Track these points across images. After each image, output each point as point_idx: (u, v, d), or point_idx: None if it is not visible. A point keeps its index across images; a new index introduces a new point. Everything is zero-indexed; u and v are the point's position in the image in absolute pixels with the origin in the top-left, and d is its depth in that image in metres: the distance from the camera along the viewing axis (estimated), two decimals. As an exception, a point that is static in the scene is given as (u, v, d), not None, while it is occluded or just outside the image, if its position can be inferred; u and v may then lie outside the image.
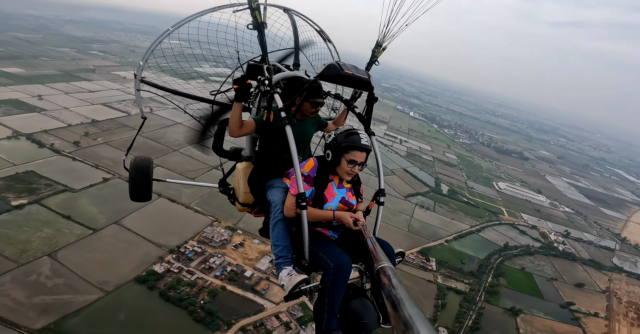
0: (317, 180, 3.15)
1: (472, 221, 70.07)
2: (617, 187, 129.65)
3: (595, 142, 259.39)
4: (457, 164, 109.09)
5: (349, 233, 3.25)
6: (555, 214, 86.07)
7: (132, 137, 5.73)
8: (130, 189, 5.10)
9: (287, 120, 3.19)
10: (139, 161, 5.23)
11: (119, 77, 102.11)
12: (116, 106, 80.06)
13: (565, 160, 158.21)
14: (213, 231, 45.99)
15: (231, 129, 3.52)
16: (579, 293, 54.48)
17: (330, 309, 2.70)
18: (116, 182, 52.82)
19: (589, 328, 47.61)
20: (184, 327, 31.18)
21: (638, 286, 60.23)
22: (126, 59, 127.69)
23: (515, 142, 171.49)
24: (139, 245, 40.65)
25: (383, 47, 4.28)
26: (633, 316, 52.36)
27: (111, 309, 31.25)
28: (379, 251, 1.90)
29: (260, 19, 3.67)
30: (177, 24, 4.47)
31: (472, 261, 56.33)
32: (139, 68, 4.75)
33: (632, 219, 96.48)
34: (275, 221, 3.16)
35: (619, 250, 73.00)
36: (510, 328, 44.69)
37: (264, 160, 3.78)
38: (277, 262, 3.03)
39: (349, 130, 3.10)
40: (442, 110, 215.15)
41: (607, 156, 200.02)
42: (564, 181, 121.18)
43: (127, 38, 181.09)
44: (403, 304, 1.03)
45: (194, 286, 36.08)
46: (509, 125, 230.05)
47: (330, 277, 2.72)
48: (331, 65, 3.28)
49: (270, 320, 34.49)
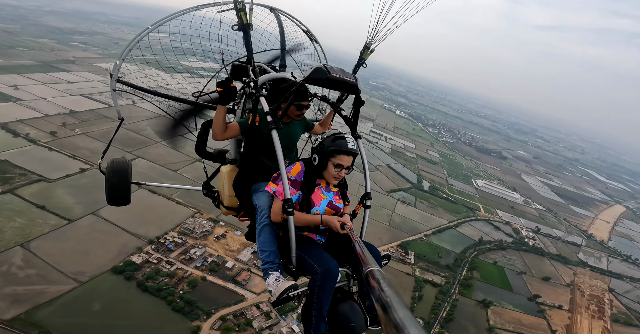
0: (304, 184, 3.14)
1: (451, 217, 72.51)
2: (587, 187, 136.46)
3: (570, 143, 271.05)
4: (439, 162, 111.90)
5: (336, 236, 3.23)
6: (528, 211, 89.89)
7: (111, 129, 6.06)
8: (108, 192, 4.91)
9: (273, 124, 3.16)
10: (116, 163, 5.01)
11: (101, 69, 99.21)
12: (97, 97, 78.05)
13: (541, 160, 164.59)
14: (194, 222, 45.82)
15: (214, 132, 3.46)
16: (546, 286, 57.24)
17: (319, 314, 2.70)
18: (94, 173, 51.72)
19: (553, 320, 49.93)
20: (162, 317, 31.22)
21: (600, 280, 63.64)
22: (109, 51, 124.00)
23: (495, 142, 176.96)
24: (116, 236, 40.10)
25: (371, 49, 4.25)
26: (594, 308, 55.20)
27: (85, 300, 30.93)
28: (367, 254, 1.91)
29: (246, 20, 3.64)
30: (157, 23, 4.34)
31: (449, 254, 58.39)
32: (115, 67, 4.61)
33: (600, 217, 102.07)
34: (262, 226, 3.13)
35: (585, 246, 77.17)
36: (481, 319, 46.61)
37: (249, 164, 3.73)
38: (264, 267, 2.99)
39: (336, 134, 3.09)
40: (427, 109, 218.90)
41: (580, 157, 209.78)
42: (538, 180, 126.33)
43: (111, 30, 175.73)
44: (393, 307, 1.03)
45: (173, 277, 36.02)
46: (491, 125, 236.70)
47: (317, 282, 2.72)
48: (318, 69, 3.25)
49: (251, 310, 34.89)
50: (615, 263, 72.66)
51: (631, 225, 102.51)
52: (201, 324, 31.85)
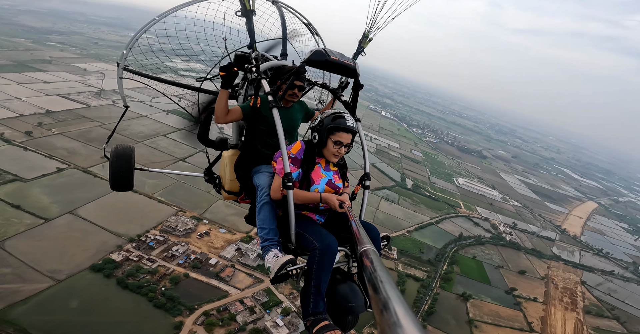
0: (304, 162, 3.16)
1: (433, 213, 74.30)
2: (562, 185, 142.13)
3: (547, 143, 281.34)
4: (422, 161, 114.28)
5: (335, 217, 3.26)
6: (505, 207, 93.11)
7: (90, 129, 6.10)
8: (111, 177, 4.94)
9: (274, 103, 3.26)
10: (120, 149, 5.04)
11: (79, 69, 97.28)
12: (74, 97, 76.33)
13: (519, 159, 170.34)
14: (177, 220, 45.42)
15: (217, 115, 3.55)
16: (522, 280, 59.20)
17: (317, 291, 2.66)
18: (71, 173, 50.70)
19: (529, 312, 51.50)
20: (143, 313, 30.98)
21: (573, 273, 66.33)
22: (88, 51, 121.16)
23: (477, 142, 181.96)
24: (95, 234, 39.41)
25: (369, 38, 4.35)
26: (567, 301, 57.19)
27: (62, 297, 30.42)
28: (363, 233, 1.92)
29: (249, 6, 3.76)
30: (163, 14, 4.41)
31: (430, 250, 59.79)
32: (122, 56, 4.63)
33: (573, 213, 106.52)
34: (262, 204, 3.15)
35: (559, 240, 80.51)
36: (461, 312, 47.84)
37: (250, 146, 3.79)
38: (263, 245, 2.98)
39: (335, 113, 3.14)
40: (412, 110, 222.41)
41: (556, 156, 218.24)
42: (516, 178, 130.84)
43: (90, 30, 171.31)
44: (383, 286, 1.04)
45: (154, 274, 35.71)
46: (472, 126, 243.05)
47: (316, 258, 2.70)
48: (318, 52, 3.31)
49: (235, 305, 34.93)
50: (587, 256, 75.81)
51: (603, 220, 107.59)
52: (184, 319, 31.73)
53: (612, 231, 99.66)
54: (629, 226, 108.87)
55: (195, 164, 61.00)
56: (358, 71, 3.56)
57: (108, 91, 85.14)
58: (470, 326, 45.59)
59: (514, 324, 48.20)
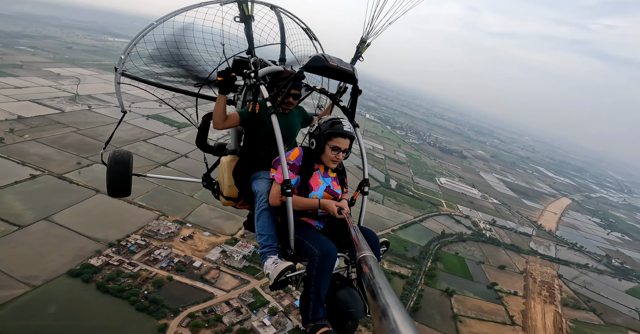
0: (303, 169, 3.14)
1: (416, 212, 75.80)
2: (537, 182, 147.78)
3: (523, 143, 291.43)
4: (405, 162, 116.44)
5: (335, 223, 3.24)
6: (485, 205, 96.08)
7: (65, 134, 5.93)
8: (109, 184, 4.90)
9: (272, 109, 3.24)
10: (118, 154, 5.00)
11: (52, 74, 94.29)
12: (47, 102, 73.87)
13: (497, 159, 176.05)
14: (159, 224, 44.55)
15: (215, 121, 3.53)
16: (502, 274, 61.06)
17: (317, 298, 2.65)
18: (46, 179, 49.16)
19: (510, 306, 52.93)
20: (125, 316, 30.33)
21: (550, 267, 68.69)
22: (61, 56, 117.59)
23: (457, 142, 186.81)
24: (71, 240, 38.31)
25: (367, 43, 4.38)
26: (545, 294, 58.97)
27: (40, 303, 29.51)
28: (362, 240, 1.92)
29: (248, 12, 3.79)
30: (161, 19, 4.38)
31: (415, 248, 60.94)
32: (119, 62, 4.60)
33: (548, 209, 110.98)
34: (261, 211, 3.14)
35: (536, 236, 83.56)
36: (445, 307, 48.82)
37: (249, 152, 3.76)
38: (262, 251, 2.98)
39: (332, 119, 3.13)
40: (396, 113, 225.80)
41: (531, 155, 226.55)
42: (495, 177, 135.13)
43: (63, 34, 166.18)
44: (382, 292, 1.04)
45: (136, 278, 34.92)
46: (453, 127, 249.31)
47: (315, 264, 2.69)
48: (317, 57, 3.31)
49: (220, 306, 34.56)
50: (562, 250, 78.90)
51: (576, 215, 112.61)
52: (168, 322, 31.22)
53: (585, 225, 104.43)
54: (601, 221, 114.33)
55: (177, 168, 60.06)
56: (357, 76, 3.58)
57: (83, 96, 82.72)
58: (455, 321, 46.50)
59: (496, 318, 49.43)
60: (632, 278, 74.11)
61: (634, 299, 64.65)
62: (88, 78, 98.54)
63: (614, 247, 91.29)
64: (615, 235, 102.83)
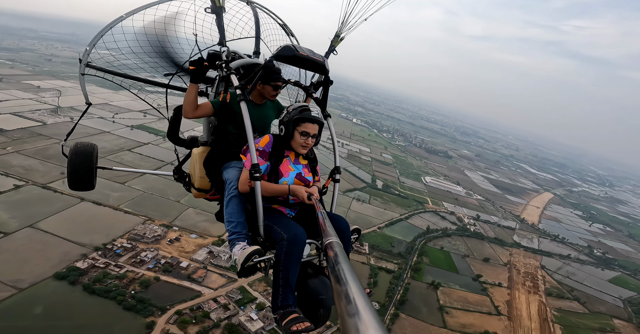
0: (272, 155, 3.13)
1: (402, 210, 77.39)
2: (521, 178, 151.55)
3: (506, 142, 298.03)
4: (392, 163, 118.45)
5: (306, 211, 3.23)
6: (469, 201, 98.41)
7: (48, 146, 6.05)
8: (69, 176, 4.83)
9: (242, 96, 3.25)
10: (80, 146, 4.96)
11: (32, 87, 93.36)
12: (29, 115, 73.22)
13: (482, 157, 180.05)
14: (145, 228, 44.92)
15: (185, 110, 3.50)
16: (486, 267, 62.55)
17: (285, 283, 2.61)
18: (30, 189, 49.17)
19: (495, 297, 54.22)
20: (112, 315, 30.72)
21: (533, 259, 70.48)
22: (41, 68, 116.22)
23: (443, 143, 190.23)
24: (57, 245, 38.57)
25: (341, 37, 4.42)
26: (529, 284, 60.44)
27: (26, 305, 29.79)
28: (329, 225, 1.92)
29: (219, 3, 3.75)
30: (131, 11, 4.36)
31: (401, 244, 62.20)
32: (84, 53, 4.55)
33: (531, 203, 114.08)
34: (230, 197, 3.10)
35: (519, 229, 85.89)
36: (432, 300, 50.01)
37: (221, 142, 3.76)
38: (231, 238, 2.92)
39: (301, 106, 3.14)
40: (382, 117, 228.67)
41: (515, 154, 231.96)
42: (479, 175, 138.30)
43: (42, 46, 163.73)
44: (346, 278, 1.05)
45: (122, 279, 35.28)
46: (439, 129, 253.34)
47: (284, 249, 2.65)
48: (286, 47, 3.35)
49: (208, 303, 35.07)
50: (545, 242, 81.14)
51: (558, 209, 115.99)
52: (156, 319, 31.63)
53: (567, 218, 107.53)
54: (583, 213, 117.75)
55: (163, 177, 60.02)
56: (327, 67, 3.64)
57: (65, 108, 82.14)
58: (441, 313, 47.61)
59: (482, 309, 50.62)
60: (614, 267, 76.30)
61: (617, 288, 66.34)
62: (69, 90, 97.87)
63: (595, 238, 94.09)
64: (597, 226, 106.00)
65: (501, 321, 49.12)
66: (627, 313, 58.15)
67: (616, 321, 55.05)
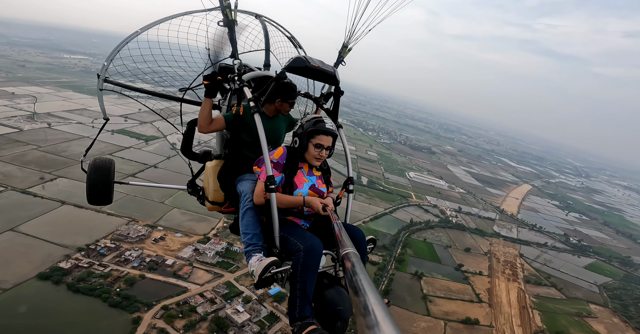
0: (287, 167, 3.14)
1: (386, 205, 79.32)
2: (501, 172, 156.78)
3: (488, 138, 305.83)
4: (377, 160, 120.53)
5: (321, 222, 3.23)
6: (452, 194, 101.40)
7: (25, 152, 6.05)
8: (89, 191, 4.85)
9: (255, 108, 3.29)
10: (98, 161, 5.01)
11: (6, 93, 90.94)
12: (4, 122, 71.62)
13: (464, 153, 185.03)
14: (129, 228, 44.94)
15: (200, 124, 3.55)
16: (468, 256, 64.61)
17: (303, 295, 2.61)
18: (9, 194, 48.57)
19: (476, 285, 56.18)
20: (98, 312, 31.02)
21: (512, 248, 73.12)
22: (14, 74, 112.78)
23: (427, 140, 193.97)
24: (39, 248, 38.45)
25: (349, 48, 4.46)
26: (509, 272, 62.64)
27: (10, 304, 29.85)
28: (345, 236, 1.91)
29: (231, 17, 3.82)
30: (146, 26, 4.42)
31: (385, 237, 63.80)
32: (102, 68, 4.63)
33: (510, 195, 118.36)
34: (245, 210, 3.12)
35: (499, 220, 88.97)
36: (415, 289, 51.58)
37: (234, 155, 3.77)
38: (247, 250, 2.93)
39: (315, 117, 3.15)
40: (368, 116, 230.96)
41: (496, 148, 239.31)
42: (462, 169, 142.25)
43: (14, 52, 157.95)
44: (364, 289, 1.04)
45: (107, 277, 35.46)
46: (424, 127, 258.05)
47: (300, 259, 2.66)
48: (298, 58, 3.38)
49: (194, 298, 35.59)
50: (523, 232, 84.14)
51: (536, 200, 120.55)
52: (142, 315, 32.04)
53: (544, 208, 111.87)
54: (560, 203, 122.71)
55: (147, 178, 60.04)
56: (338, 78, 3.68)
57: (42, 114, 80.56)
58: (425, 301, 49.18)
59: (464, 297, 52.45)
60: (590, 254, 79.72)
61: (592, 274, 69.37)
62: (45, 96, 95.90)
63: (572, 226, 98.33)
64: (573, 215, 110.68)
65: (482, 308, 50.95)
66: (603, 298, 60.67)
67: (592, 306, 57.33)
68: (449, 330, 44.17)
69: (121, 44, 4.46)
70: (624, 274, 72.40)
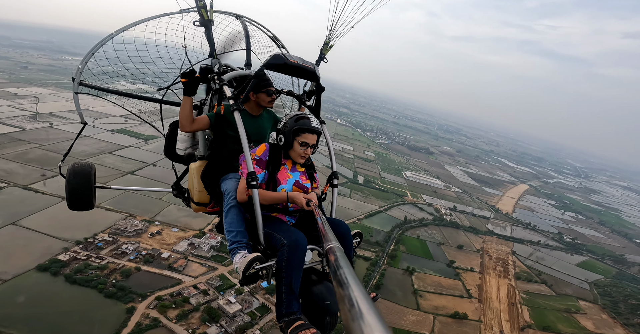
0: (270, 163, 3.12)
1: (382, 203, 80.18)
2: (499, 172, 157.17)
3: (488, 139, 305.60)
4: (374, 160, 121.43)
5: (307, 218, 3.22)
6: (447, 193, 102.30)
7: (27, 150, 6.20)
8: (69, 196, 4.80)
9: (234, 106, 3.27)
10: (77, 166, 4.96)
11: (9, 94, 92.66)
12: (7, 121, 73.13)
13: (462, 153, 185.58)
14: (126, 223, 46.09)
15: (182, 123, 3.50)
16: (460, 253, 65.45)
17: (289, 290, 2.58)
18: (11, 190, 49.92)
19: (467, 281, 56.89)
20: (93, 302, 32.17)
21: (505, 245, 73.89)
22: (17, 76, 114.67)
23: (426, 141, 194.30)
24: (39, 241, 39.68)
25: (330, 45, 4.47)
26: (500, 269, 63.24)
27: (8, 294, 31.07)
28: (329, 230, 1.92)
29: (207, 16, 3.78)
30: (121, 29, 4.37)
31: (379, 233, 64.63)
32: (77, 71, 4.61)
33: (507, 194, 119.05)
34: (229, 208, 3.10)
35: (493, 218, 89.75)
36: (407, 284, 52.36)
37: (218, 155, 3.76)
38: (231, 248, 2.91)
39: (299, 114, 3.13)
40: (367, 117, 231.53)
41: (495, 149, 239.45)
42: (459, 169, 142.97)
43: (17, 54, 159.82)
44: (348, 282, 1.05)
45: (104, 269, 36.64)
46: (423, 128, 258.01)
47: (285, 255, 2.64)
48: (277, 55, 3.36)
49: (188, 290, 36.74)
50: (518, 230, 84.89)
51: (533, 199, 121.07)
52: (136, 305, 33.19)
53: (540, 207, 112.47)
54: (556, 203, 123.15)
55: (145, 176, 61.32)
56: (318, 74, 3.70)
57: (44, 114, 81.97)
58: (415, 296, 49.95)
59: (454, 292, 53.27)
60: (583, 252, 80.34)
61: (584, 271, 69.88)
62: (47, 97, 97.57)
63: (566, 225, 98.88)
64: (569, 215, 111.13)
65: (472, 303, 51.77)
66: (593, 295, 61.22)
67: (582, 303, 57.91)
68: (438, 324, 45.04)
69: (96, 47, 4.44)
70: (617, 272, 72.95)
